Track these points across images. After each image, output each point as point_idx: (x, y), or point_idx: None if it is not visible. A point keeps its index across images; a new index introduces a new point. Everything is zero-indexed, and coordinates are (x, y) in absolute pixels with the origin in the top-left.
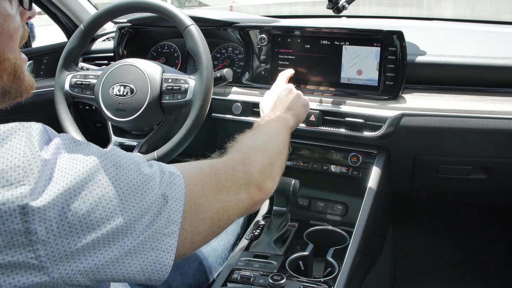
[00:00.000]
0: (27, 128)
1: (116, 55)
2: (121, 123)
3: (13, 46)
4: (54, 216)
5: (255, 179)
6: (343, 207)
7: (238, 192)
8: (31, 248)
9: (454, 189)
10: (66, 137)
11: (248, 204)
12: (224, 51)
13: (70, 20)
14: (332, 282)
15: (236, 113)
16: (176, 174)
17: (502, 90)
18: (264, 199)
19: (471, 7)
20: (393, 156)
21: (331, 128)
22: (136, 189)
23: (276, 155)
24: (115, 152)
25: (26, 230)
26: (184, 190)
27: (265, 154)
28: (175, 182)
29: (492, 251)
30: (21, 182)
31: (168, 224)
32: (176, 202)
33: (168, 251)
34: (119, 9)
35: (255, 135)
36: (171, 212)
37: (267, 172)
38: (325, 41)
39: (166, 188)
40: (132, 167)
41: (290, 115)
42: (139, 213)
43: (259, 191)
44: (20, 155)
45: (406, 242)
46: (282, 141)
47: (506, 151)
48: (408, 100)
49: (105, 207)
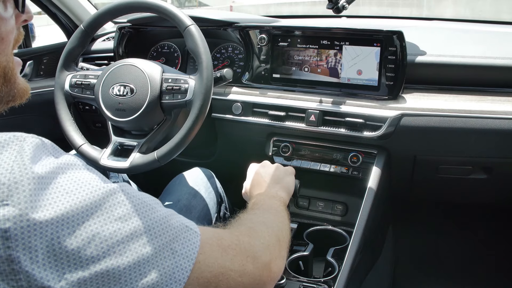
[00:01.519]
0: (20, 142)
1: (116, 55)
2: (121, 123)
3: (4, 49)
4: (41, 246)
5: (262, 255)
6: (343, 207)
7: (244, 264)
8: (14, 278)
9: (454, 189)
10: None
11: (254, 283)
12: (224, 51)
13: (70, 20)
14: (332, 282)
15: (236, 113)
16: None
17: (502, 90)
18: (273, 282)
19: (471, 7)
20: (393, 156)
21: (331, 128)
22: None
23: (281, 231)
24: (125, 189)
25: (8, 257)
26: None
27: (270, 230)
28: (190, 238)
29: (492, 251)
30: (4, 201)
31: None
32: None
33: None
34: (119, 9)
35: (255, 214)
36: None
37: (276, 250)
38: (325, 41)
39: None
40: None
41: (280, 189)
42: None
43: (268, 271)
44: (8, 171)
45: (406, 242)
46: (284, 218)
47: (506, 151)
48: (408, 100)
49: (98, 246)
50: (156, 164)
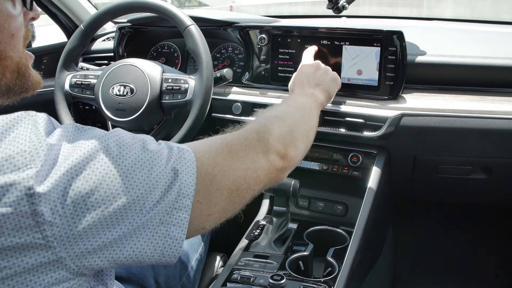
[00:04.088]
0: (32, 117)
1: (116, 55)
2: (121, 123)
3: (16, 45)
4: (58, 196)
5: (273, 146)
6: (343, 207)
7: (255, 160)
8: (38, 229)
9: (454, 189)
10: (70, 125)
11: (270, 172)
12: (224, 51)
13: (70, 20)
14: (332, 282)
15: (236, 113)
16: (185, 149)
17: (502, 90)
18: (289, 168)
19: (471, 7)
20: (393, 156)
21: (331, 128)
22: (142, 166)
23: (297, 123)
24: (118, 132)
25: (33, 212)
26: (195, 164)
27: (282, 122)
28: (184, 156)
29: (492, 251)
30: (28, 166)
31: (179, 198)
32: (187, 175)
33: (179, 225)
34: (119, 9)
35: (274, 106)
36: (182, 186)
37: (288, 140)
38: (325, 41)
39: (175, 162)
40: (137, 145)
41: (319, 90)
42: (147, 190)
43: (281, 158)
44: (26, 140)
45: (406, 242)
46: (306, 112)
47: (506, 151)
48: (408, 100)
49: (109, 185)
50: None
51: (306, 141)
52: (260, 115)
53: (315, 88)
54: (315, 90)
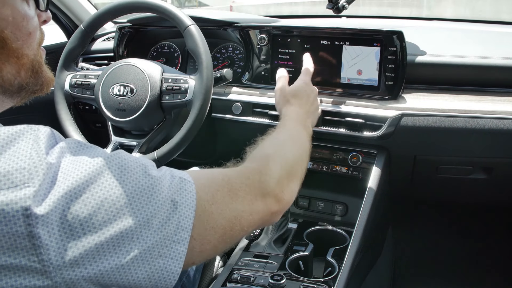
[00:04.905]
0: (35, 131)
1: (116, 55)
2: (121, 123)
3: (32, 43)
4: (55, 219)
5: (272, 190)
6: (343, 207)
7: (253, 202)
8: (34, 252)
9: (454, 189)
10: (72, 141)
11: (264, 215)
12: (224, 51)
13: (70, 20)
14: (332, 282)
15: (236, 113)
16: (187, 180)
17: (502, 90)
18: (282, 211)
19: (471, 7)
20: (393, 156)
21: (331, 128)
22: (142, 192)
23: (297, 164)
24: (121, 155)
25: (29, 233)
26: (195, 196)
27: (284, 163)
28: (185, 188)
29: (492, 251)
30: (26, 184)
31: (178, 231)
32: (186, 208)
33: (176, 259)
34: (119, 9)
35: (278, 139)
36: (181, 218)
37: (285, 183)
38: (325, 41)
39: (176, 193)
40: (138, 170)
41: (310, 122)
42: (146, 217)
43: (277, 202)
44: (27, 157)
45: (406, 242)
46: (304, 150)
47: (506, 151)
48: (408, 100)
49: (107, 210)
50: (156, 164)
51: (300, 182)
52: (263, 148)
53: (308, 119)
54: (308, 121)
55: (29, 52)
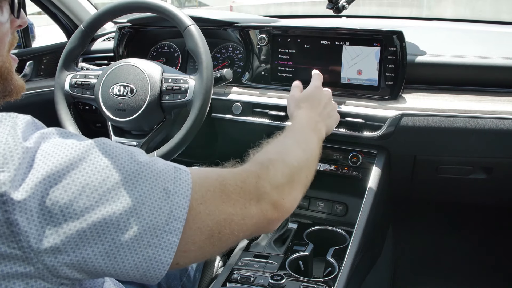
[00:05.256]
0: (13, 118)
1: (116, 55)
2: (121, 123)
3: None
4: (34, 206)
5: (269, 195)
6: (343, 207)
7: (246, 207)
8: (14, 239)
9: (454, 189)
10: (52, 128)
11: (259, 222)
12: (224, 51)
13: (70, 20)
14: (332, 282)
15: (236, 113)
16: (182, 169)
17: (502, 90)
18: (281, 219)
19: (471, 7)
20: (393, 156)
21: None
22: (127, 178)
23: (301, 170)
24: (105, 141)
25: (7, 220)
26: (191, 186)
27: (287, 169)
28: (180, 177)
29: (492, 251)
30: (0, 169)
31: (170, 220)
32: (180, 197)
33: (167, 249)
34: (119, 9)
35: (283, 143)
36: (173, 208)
37: (287, 189)
38: (325, 41)
39: (169, 182)
40: (124, 155)
41: (324, 126)
42: (133, 204)
43: (275, 209)
44: (2, 142)
45: (406, 242)
46: (312, 154)
47: (506, 151)
48: (408, 100)
49: (89, 196)
50: None
51: (304, 190)
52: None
53: (322, 123)
54: (322, 125)
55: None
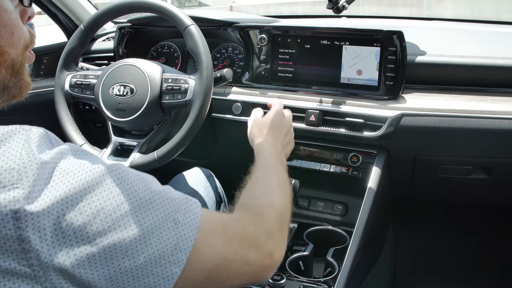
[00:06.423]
0: (26, 131)
1: (116, 55)
2: (121, 123)
3: (14, 42)
4: (49, 224)
5: (265, 245)
6: (343, 207)
7: (246, 255)
8: (24, 256)
9: (454, 189)
10: (71, 145)
11: (256, 269)
12: (224, 51)
13: (70, 20)
14: (332, 282)
15: (236, 113)
16: (193, 200)
17: (502, 90)
18: (276, 267)
19: (471, 7)
20: (393, 156)
21: (331, 128)
22: (141, 205)
23: (286, 214)
24: (122, 166)
25: (19, 237)
26: (199, 218)
27: (277, 216)
28: (190, 208)
29: (492, 251)
30: (15, 185)
31: (175, 252)
32: (188, 229)
33: (168, 279)
34: (119, 9)
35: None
36: (180, 239)
37: (279, 237)
38: (325, 41)
39: (179, 212)
40: (139, 182)
41: (284, 155)
42: (143, 232)
43: (270, 259)
44: (16, 157)
45: (406, 242)
46: (289, 196)
47: (506, 151)
48: (408, 100)
49: (102, 220)
50: (156, 164)
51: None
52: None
53: (283, 152)
54: (283, 155)
55: (10, 50)
